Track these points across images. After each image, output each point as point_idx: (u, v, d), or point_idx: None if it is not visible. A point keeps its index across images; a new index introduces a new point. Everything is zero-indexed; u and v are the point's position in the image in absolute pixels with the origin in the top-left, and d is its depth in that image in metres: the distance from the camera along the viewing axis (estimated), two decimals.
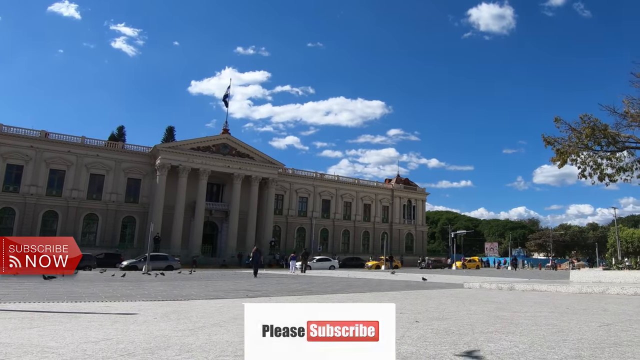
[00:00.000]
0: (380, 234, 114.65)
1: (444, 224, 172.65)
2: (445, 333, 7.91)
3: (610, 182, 32.02)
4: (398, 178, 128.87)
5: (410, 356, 5.92)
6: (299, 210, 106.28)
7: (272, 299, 16.20)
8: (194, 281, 29.28)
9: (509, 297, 17.00)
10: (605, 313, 11.01)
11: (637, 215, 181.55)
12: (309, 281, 30.72)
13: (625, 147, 31.64)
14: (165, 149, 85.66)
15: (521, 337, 7.41)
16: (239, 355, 5.95)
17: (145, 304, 13.69)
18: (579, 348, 6.40)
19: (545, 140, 32.82)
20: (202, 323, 9.25)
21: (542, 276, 46.91)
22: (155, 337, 7.55)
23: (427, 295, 17.74)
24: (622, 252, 74.15)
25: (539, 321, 9.48)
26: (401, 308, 12.46)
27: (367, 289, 22.16)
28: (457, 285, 25.55)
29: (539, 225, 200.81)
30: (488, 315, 10.60)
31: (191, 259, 75.06)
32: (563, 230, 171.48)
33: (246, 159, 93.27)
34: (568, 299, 15.98)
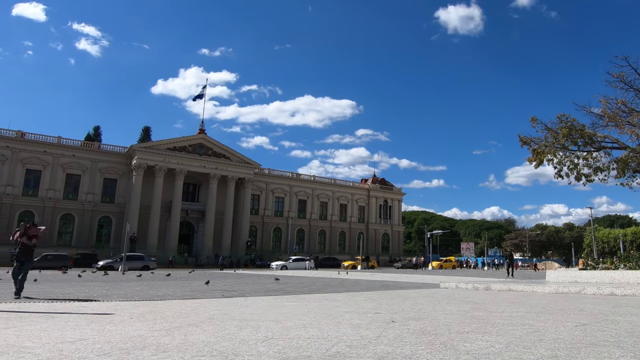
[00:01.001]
0: (357, 234, 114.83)
1: (420, 224, 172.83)
2: (421, 333, 7.92)
3: (587, 182, 32.22)
4: (374, 178, 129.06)
5: (386, 356, 5.92)
6: (275, 210, 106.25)
7: (249, 299, 16.18)
8: (170, 281, 29.24)
9: (485, 297, 17.04)
10: (582, 313, 11.06)
11: (613, 215, 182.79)
12: (284, 281, 30.72)
13: (601, 147, 31.82)
14: (142, 149, 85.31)
15: (497, 337, 7.42)
16: (214, 356, 5.95)
17: (121, 304, 13.68)
18: (555, 348, 6.42)
19: (521, 140, 32.96)
20: (179, 323, 9.25)
21: (519, 276, 47.13)
22: (132, 337, 7.54)
23: (404, 295, 17.78)
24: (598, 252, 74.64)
25: (515, 321, 9.51)
26: (377, 308, 12.51)
27: (344, 289, 22.20)
28: (434, 285, 25.62)
29: (515, 225, 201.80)
30: (464, 316, 10.63)
31: (167, 259, 74.97)
32: (539, 230, 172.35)
33: (222, 159, 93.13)
34: (544, 299, 16.04)
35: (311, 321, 9.52)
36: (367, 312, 11.35)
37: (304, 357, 5.89)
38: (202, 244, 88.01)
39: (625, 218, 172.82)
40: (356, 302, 14.48)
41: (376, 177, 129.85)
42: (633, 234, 76.58)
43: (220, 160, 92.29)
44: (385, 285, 26.65)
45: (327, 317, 10.22)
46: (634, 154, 30.23)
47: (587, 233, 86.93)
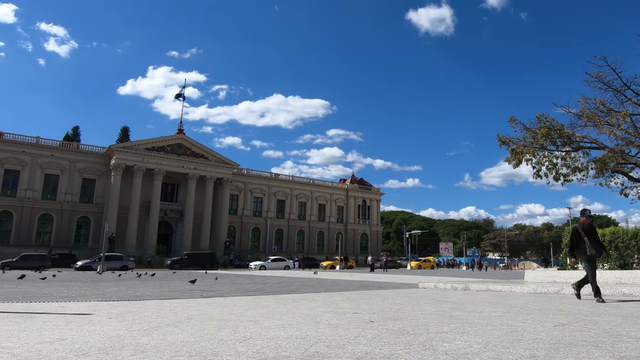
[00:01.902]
0: (335, 234, 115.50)
1: (398, 224, 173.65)
2: (400, 333, 7.90)
3: (566, 182, 32.35)
4: (353, 178, 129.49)
5: (365, 356, 5.91)
6: (254, 210, 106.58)
7: (227, 299, 16.13)
8: (149, 281, 29.17)
9: (464, 297, 17.04)
10: (560, 313, 11.06)
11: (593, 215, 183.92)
12: (263, 281, 30.70)
13: (580, 147, 31.95)
14: (120, 149, 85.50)
15: (476, 337, 7.40)
16: (193, 356, 5.92)
17: (100, 304, 13.59)
18: (534, 348, 6.42)
19: (500, 140, 33.04)
20: (157, 323, 9.19)
21: (497, 276, 47.29)
22: (110, 337, 7.49)
23: (382, 295, 17.75)
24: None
25: (493, 321, 9.50)
26: (356, 308, 12.48)
27: (322, 289, 22.13)
28: (412, 285, 25.60)
29: (493, 225, 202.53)
30: (443, 315, 10.61)
31: (146, 260, 74.87)
32: (518, 230, 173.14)
33: (201, 159, 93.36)
34: (523, 299, 16.06)
35: (290, 321, 9.49)
36: (346, 312, 11.32)
37: (283, 357, 5.87)
38: (181, 244, 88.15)
39: (604, 218, 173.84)
40: (335, 302, 14.45)
41: (355, 177, 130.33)
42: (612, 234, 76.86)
43: (199, 161, 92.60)
44: (364, 285, 26.64)
45: (305, 317, 10.19)
46: (613, 154, 30.38)
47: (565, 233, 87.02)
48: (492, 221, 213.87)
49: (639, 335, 7.52)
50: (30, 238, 79.31)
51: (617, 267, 23.13)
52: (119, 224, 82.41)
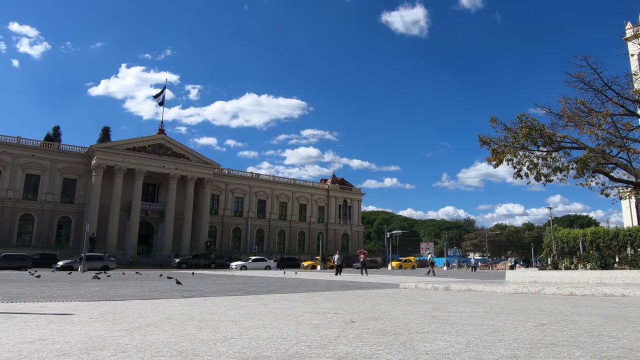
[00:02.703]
0: (316, 234, 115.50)
1: (379, 224, 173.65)
2: (381, 333, 7.92)
3: (547, 182, 32.44)
4: (334, 178, 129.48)
5: (346, 356, 5.92)
6: (235, 210, 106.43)
7: (208, 299, 16.10)
8: (130, 281, 29.07)
9: (445, 297, 17.08)
10: (541, 313, 11.10)
11: (573, 215, 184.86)
12: (244, 281, 30.66)
13: (561, 147, 32.04)
14: (101, 149, 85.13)
15: (457, 337, 7.43)
16: (174, 356, 5.92)
17: (81, 304, 13.55)
18: (515, 348, 6.44)
19: (481, 140, 33.09)
20: (138, 323, 9.18)
21: (478, 276, 47.43)
22: (91, 337, 7.48)
23: (363, 296, 17.77)
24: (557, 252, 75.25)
25: (474, 321, 9.53)
26: (337, 308, 12.50)
27: (303, 289, 22.14)
28: (393, 285, 25.64)
29: (474, 225, 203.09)
30: (424, 316, 10.64)
31: (127, 260, 74.70)
32: (499, 230, 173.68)
33: (182, 159, 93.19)
34: (504, 299, 16.10)
35: (271, 321, 9.50)
36: (327, 312, 11.34)
37: (264, 357, 5.87)
38: (162, 244, 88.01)
39: (585, 218, 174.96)
40: (315, 302, 14.46)
41: (335, 177, 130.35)
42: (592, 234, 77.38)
43: (180, 161, 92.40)
44: (345, 285, 26.65)
45: (286, 317, 10.20)
46: (594, 154, 30.50)
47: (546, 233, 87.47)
48: (473, 221, 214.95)
49: (619, 336, 7.56)
50: (11, 238, 78.91)
51: (598, 267, 23.23)
52: (100, 224, 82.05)
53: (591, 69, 30.56)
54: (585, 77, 30.77)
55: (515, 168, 32.65)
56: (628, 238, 70.49)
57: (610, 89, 30.94)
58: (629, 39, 45.88)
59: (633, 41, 35.89)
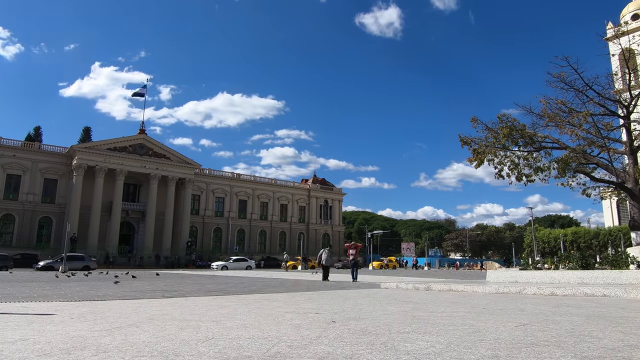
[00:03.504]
0: (297, 234, 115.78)
1: (360, 224, 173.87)
2: (362, 333, 7.90)
3: (528, 182, 32.51)
4: (315, 178, 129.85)
5: (327, 356, 5.90)
6: (216, 210, 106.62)
7: (189, 299, 16.06)
8: (111, 281, 28.94)
9: (426, 297, 17.07)
10: (522, 313, 11.11)
11: (554, 215, 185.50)
12: (225, 281, 30.63)
13: (542, 147, 32.11)
14: (82, 149, 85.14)
15: (438, 337, 7.41)
16: (155, 356, 5.90)
17: (62, 305, 13.51)
18: (496, 348, 6.43)
19: (462, 141, 33.13)
20: (119, 323, 9.15)
21: (459, 276, 47.53)
22: (72, 337, 7.45)
23: (344, 296, 17.76)
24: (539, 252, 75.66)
25: (455, 321, 9.51)
26: (318, 308, 12.48)
27: (284, 289, 22.12)
28: (374, 285, 25.65)
29: (455, 226, 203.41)
30: (405, 316, 10.62)
31: (108, 260, 74.52)
32: (480, 230, 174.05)
33: (163, 159, 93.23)
34: (485, 299, 16.10)
35: (252, 321, 9.47)
36: (308, 312, 11.32)
37: (245, 357, 5.86)
38: (143, 244, 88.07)
39: (566, 218, 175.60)
40: (297, 302, 14.45)
41: (316, 177, 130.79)
42: (573, 234, 77.92)
43: (161, 161, 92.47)
44: (326, 285, 26.65)
45: (267, 317, 10.17)
46: (575, 154, 30.61)
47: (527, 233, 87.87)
48: (454, 221, 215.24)
49: (600, 336, 7.57)
50: None
51: (578, 267, 23.32)
52: (81, 224, 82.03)
53: (572, 69, 30.67)
54: (566, 77, 30.87)
55: (496, 168, 32.70)
56: (609, 238, 71.04)
57: (591, 89, 31.06)
58: (609, 39, 46.14)
59: (614, 41, 36.01)
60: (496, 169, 32.59)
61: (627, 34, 35.88)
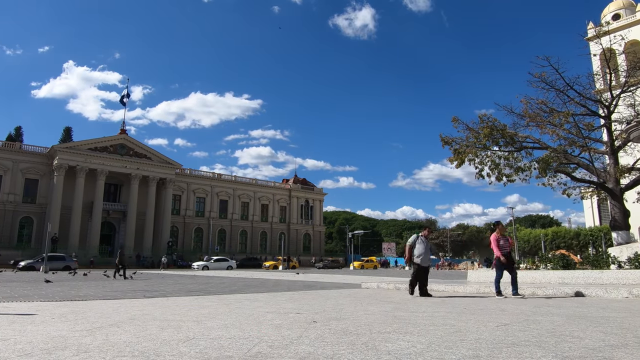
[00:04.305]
0: (278, 234, 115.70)
1: (341, 224, 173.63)
2: (343, 333, 7.92)
3: (509, 182, 32.58)
4: (295, 178, 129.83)
5: (308, 356, 5.90)
6: (197, 210, 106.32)
7: (170, 299, 16.03)
8: (92, 281, 28.95)
9: (407, 297, 17.13)
10: (503, 313, 11.13)
11: (535, 215, 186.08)
12: (206, 281, 30.59)
13: (523, 147, 32.19)
14: (63, 149, 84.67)
15: (419, 337, 7.43)
16: (136, 356, 5.89)
17: (43, 305, 13.49)
18: (477, 348, 6.45)
19: (442, 140, 33.17)
20: (100, 323, 9.14)
21: (440, 276, 47.64)
22: (53, 337, 7.44)
23: (325, 296, 17.77)
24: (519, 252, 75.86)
25: (436, 321, 9.53)
26: (299, 308, 12.48)
27: (265, 289, 22.11)
28: (355, 286, 25.64)
29: (436, 225, 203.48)
30: (386, 316, 10.63)
31: (89, 260, 74.27)
32: (461, 230, 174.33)
33: (144, 159, 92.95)
34: (466, 299, 16.21)
35: (233, 321, 9.47)
36: (289, 313, 11.33)
37: (226, 357, 5.86)
38: (124, 244, 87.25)
39: (547, 218, 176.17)
40: (278, 303, 14.45)
41: (297, 178, 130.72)
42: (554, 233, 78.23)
43: (142, 161, 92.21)
44: (307, 285, 26.63)
45: (248, 318, 10.18)
46: (555, 154, 30.72)
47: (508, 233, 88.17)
48: (435, 221, 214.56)
49: (581, 335, 7.60)
50: None
51: (559, 267, 23.41)
52: (62, 224, 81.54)
53: (553, 69, 30.78)
54: (547, 77, 30.97)
55: (477, 168, 32.76)
56: (590, 238, 71.36)
57: (572, 89, 31.17)
58: (590, 39, 46.37)
59: (595, 41, 36.14)
60: (477, 169, 32.65)
61: (608, 33, 35.83)
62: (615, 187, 29.42)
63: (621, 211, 29.21)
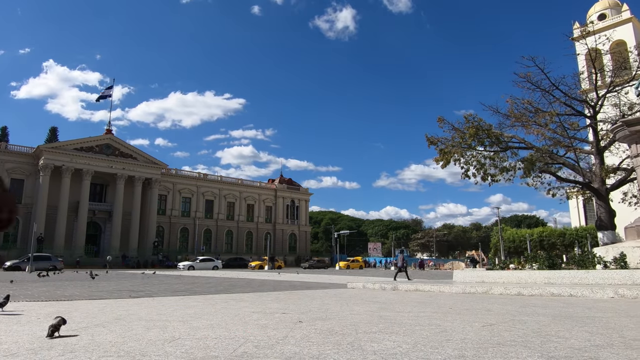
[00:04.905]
0: (264, 234, 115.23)
1: (327, 224, 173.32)
2: (328, 333, 7.93)
3: (493, 182, 32.66)
4: (281, 178, 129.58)
5: (293, 356, 5.92)
6: (182, 210, 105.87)
7: (156, 299, 16.01)
8: (78, 281, 28.85)
9: (392, 297, 17.11)
10: (489, 313, 11.16)
11: (520, 215, 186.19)
12: (192, 281, 30.56)
13: (508, 147, 32.29)
14: (49, 149, 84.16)
15: (404, 337, 7.46)
16: (122, 356, 5.91)
17: (29, 305, 13.48)
18: (463, 348, 6.46)
19: (428, 140, 33.26)
20: (86, 323, 9.15)
21: (426, 276, 47.72)
22: (39, 337, 7.46)
23: (311, 296, 17.79)
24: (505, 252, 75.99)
25: (422, 321, 9.55)
26: (284, 308, 12.50)
27: (250, 289, 22.10)
28: (341, 286, 25.64)
29: (422, 225, 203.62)
30: (371, 316, 10.66)
31: (74, 260, 74.01)
32: (446, 230, 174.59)
33: (129, 159, 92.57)
34: (451, 299, 16.16)
35: (218, 321, 9.49)
36: (275, 313, 11.34)
37: (212, 357, 5.88)
38: (110, 244, 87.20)
39: (533, 218, 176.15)
40: (263, 303, 14.47)
41: (283, 177, 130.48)
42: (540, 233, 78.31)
43: (127, 161, 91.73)
44: (293, 285, 26.63)
45: (234, 318, 10.19)
46: (540, 154, 30.82)
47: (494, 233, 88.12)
48: (421, 221, 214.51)
49: (567, 335, 7.63)
50: None
51: (545, 267, 23.45)
52: (48, 224, 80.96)
53: (538, 69, 30.92)
54: (532, 77, 31.13)
55: (462, 168, 32.86)
56: (575, 238, 71.52)
57: (558, 89, 31.32)
58: (576, 39, 46.42)
59: (580, 41, 36.30)
60: (463, 169, 32.75)
61: (594, 34, 36.00)
62: (601, 187, 29.54)
63: (607, 211, 29.33)
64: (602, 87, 33.67)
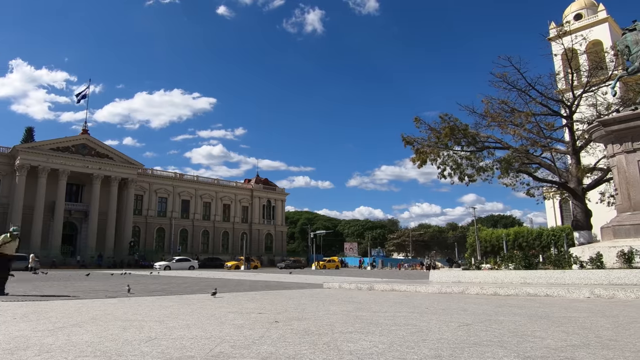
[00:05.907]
0: (240, 234, 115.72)
1: (303, 224, 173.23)
2: (304, 333, 7.91)
3: (470, 182, 32.77)
4: (257, 178, 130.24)
5: (269, 356, 5.90)
6: (159, 210, 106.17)
7: (132, 299, 15.94)
8: (54, 281, 28.79)
9: (369, 297, 17.09)
10: (465, 313, 11.15)
11: (497, 215, 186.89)
12: (167, 281, 30.51)
13: (485, 147, 32.42)
14: (25, 149, 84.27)
15: (380, 337, 7.44)
16: (98, 356, 5.87)
17: (4, 305, 13.40)
18: (439, 348, 6.46)
19: (404, 140, 33.34)
20: (62, 323, 9.09)
21: (402, 276, 47.78)
22: (15, 337, 7.41)
23: (287, 296, 17.75)
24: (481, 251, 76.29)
25: (398, 321, 9.53)
26: (260, 308, 12.47)
27: (227, 290, 22.03)
28: (317, 286, 25.58)
29: (398, 225, 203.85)
30: (347, 316, 10.64)
31: (50, 260, 73.68)
32: (422, 230, 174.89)
33: (105, 159, 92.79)
34: (428, 299, 16.13)
35: (195, 321, 9.46)
36: (251, 312, 11.31)
37: (188, 357, 5.86)
38: (86, 244, 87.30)
39: (509, 218, 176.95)
40: (239, 302, 14.43)
41: (259, 177, 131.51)
42: (516, 233, 78.69)
43: (104, 161, 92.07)
44: (269, 285, 26.57)
45: (210, 318, 10.16)
46: (517, 154, 30.95)
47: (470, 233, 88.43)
48: (397, 221, 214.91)
49: (543, 335, 7.64)
50: None
51: (522, 267, 23.52)
52: (24, 224, 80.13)
53: (515, 69, 31.07)
54: (509, 77, 31.27)
55: (439, 168, 32.97)
56: (552, 238, 71.91)
57: (534, 89, 31.50)
58: (552, 39, 46.65)
59: (557, 41, 36.48)
60: (439, 169, 32.86)
61: (570, 34, 36.24)
62: (577, 187, 29.73)
63: (583, 211, 29.52)
64: (578, 87, 33.86)
